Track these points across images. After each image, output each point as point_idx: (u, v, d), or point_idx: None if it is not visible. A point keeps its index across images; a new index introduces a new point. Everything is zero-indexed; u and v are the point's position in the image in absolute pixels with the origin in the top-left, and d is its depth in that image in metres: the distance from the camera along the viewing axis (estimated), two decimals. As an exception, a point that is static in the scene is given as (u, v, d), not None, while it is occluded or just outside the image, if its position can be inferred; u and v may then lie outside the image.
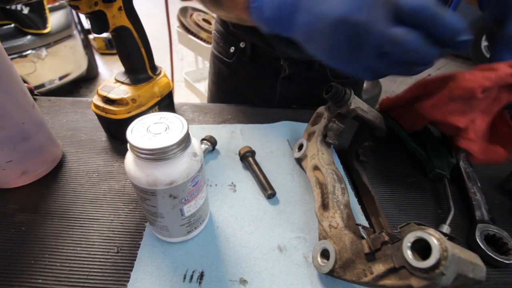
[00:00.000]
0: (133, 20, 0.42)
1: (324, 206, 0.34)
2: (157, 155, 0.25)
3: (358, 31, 0.27)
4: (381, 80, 2.32)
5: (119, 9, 0.39)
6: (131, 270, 0.31)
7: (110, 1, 0.38)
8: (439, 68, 3.08)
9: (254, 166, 0.42)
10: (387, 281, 0.23)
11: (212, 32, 0.73)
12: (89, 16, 0.38)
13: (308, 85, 0.63)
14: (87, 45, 2.35)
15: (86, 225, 0.35)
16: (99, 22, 0.39)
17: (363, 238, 0.28)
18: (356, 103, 0.39)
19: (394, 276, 0.23)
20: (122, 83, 0.45)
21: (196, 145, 0.29)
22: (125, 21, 0.41)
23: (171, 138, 0.25)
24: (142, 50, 0.44)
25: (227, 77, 0.70)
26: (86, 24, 2.45)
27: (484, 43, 2.90)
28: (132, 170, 0.27)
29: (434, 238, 0.20)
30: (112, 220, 0.36)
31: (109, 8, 0.38)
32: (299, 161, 0.44)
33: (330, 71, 0.62)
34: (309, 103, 0.44)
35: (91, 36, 2.70)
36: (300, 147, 0.44)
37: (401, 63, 0.29)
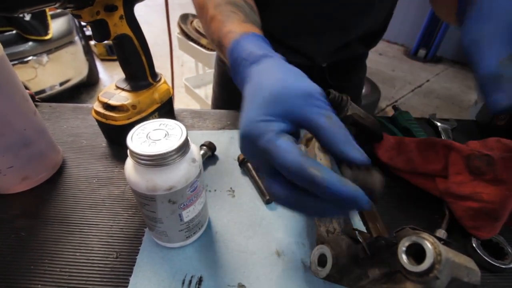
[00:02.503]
0: (134, 28, 0.43)
1: (322, 211, 0.34)
2: (157, 161, 0.25)
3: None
4: (380, 86, 2.33)
5: (120, 17, 0.40)
6: (130, 275, 0.31)
7: (111, 10, 0.38)
8: (438, 73, 3.11)
9: (253, 171, 0.42)
10: (383, 285, 0.23)
11: None
12: (91, 24, 0.39)
13: None
14: (88, 51, 2.37)
15: (86, 230, 0.35)
16: (101, 30, 0.40)
17: (360, 243, 0.28)
18: (353, 109, 0.39)
19: (390, 280, 0.23)
20: (123, 89, 0.46)
21: (195, 151, 0.30)
22: (126, 29, 0.42)
23: (170, 144, 0.26)
24: (143, 57, 0.45)
25: (231, 79, 0.71)
26: (87, 30, 2.47)
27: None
28: (131, 176, 0.27)
29: (428, 243, 0.20)
30: (111, 225, 0.36)
31: (110, 17, 0.39)
32: (297, 166, 0.44)
33: (329, 75, 0.63)
34: None
35: (92, 42, 2.71)
36: (298, 153, 0.44)
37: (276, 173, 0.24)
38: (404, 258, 0.22)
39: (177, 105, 0.55)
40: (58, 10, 1.98)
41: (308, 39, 0.56)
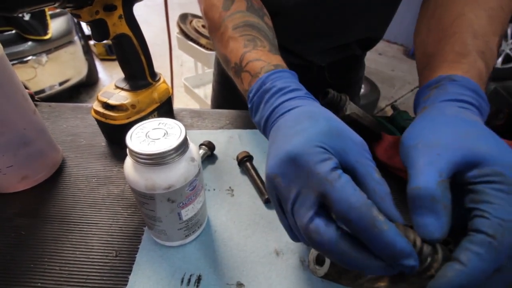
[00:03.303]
0: (133, 28, 0.43)
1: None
2: (155, 160, 0.26)
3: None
4: (380, 85, 2.33)
5: (120, 17, 0.40)
6: (130, 274, 0.31)
7: (110, 10, 0.38)
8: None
9: (252, 171, 0.43)
10: (380, 284, 0.24)
11: None
12: (90, 24, 0.39)
13: (306, 88, 0.64)
14: (87, 51, 2.37)
15: (85, 229, 0.36)
16: (100, 30, 0.40)
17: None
18: (352, 108, 0.39)
19: (387, 279, 0.23)
20: (122, 89, 0.46)
21: (194, 150, 0.30)
22: (125, 29, 0.42)
23: (169, 143, 0.26)
24: (142, 57, 0.45)
25: (230, 77, 0.71)
26: (87, 30, 2.47)
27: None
28: (131, 175, 0.27)
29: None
30: (111, 224, 0.36)
31: (109, 17, 0.39)
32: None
33: (328, 74, 0.63)
34: None
35: (91, 42, 2.71)
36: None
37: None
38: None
39: (177, 105, 0.55)
40: (58, 10, 1.98)
41: (306, 44, 0.56)
